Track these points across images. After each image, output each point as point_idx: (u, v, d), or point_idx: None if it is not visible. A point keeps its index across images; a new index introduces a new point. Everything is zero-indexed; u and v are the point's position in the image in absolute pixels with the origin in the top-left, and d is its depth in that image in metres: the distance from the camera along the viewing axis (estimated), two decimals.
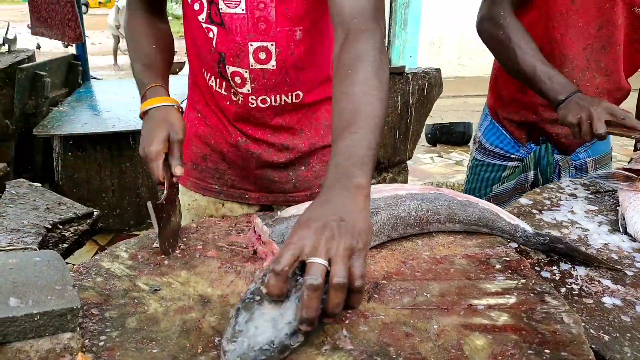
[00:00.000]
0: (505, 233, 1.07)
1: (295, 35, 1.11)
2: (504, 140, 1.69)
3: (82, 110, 3.56)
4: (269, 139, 1.23)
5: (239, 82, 1.15)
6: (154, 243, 0.99)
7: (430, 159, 5.55)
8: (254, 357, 0.66)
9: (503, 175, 1.71)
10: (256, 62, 1.13)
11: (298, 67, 1.15)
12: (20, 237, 1.72)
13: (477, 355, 0.70)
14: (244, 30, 1.10)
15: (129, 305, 0.81)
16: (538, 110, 1.59)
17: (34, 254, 0.72)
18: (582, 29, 1.47)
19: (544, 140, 1.62)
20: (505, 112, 1.66)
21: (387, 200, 1.01)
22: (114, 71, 10.76)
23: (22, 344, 0.61)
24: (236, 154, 1.27)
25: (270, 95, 1.17)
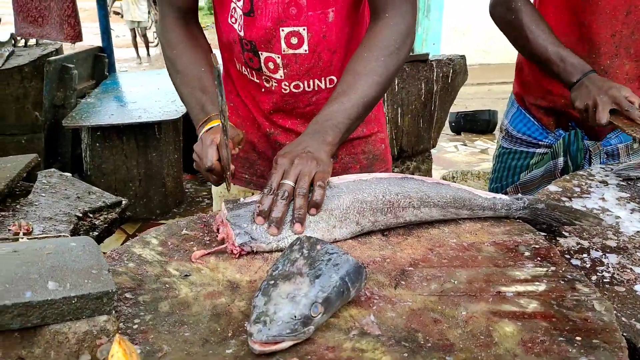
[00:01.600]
0: (486, 209, 1.05)
1: (328, 17, 1.11)
2: (531, 127, 1.66)
3: (108, 101, 3.63)
4: (298, 129, 1.24)
5: (272, 67, 1.15)
6: (183, 230, 1.01)
7: (454, 148, 5.49)
8: (278, 332, 0.67)
9: (531, 163, 1.68)
10: (288, 47, 1.13)
11: (331, 50, 1.15)
12: (53, 225, 1.77)
13: (507, 342, 0.70)
14: (275, 15, 1.09)
15: (161, 290, 0.83)
16: (566, 95, 1.56)
17: (70, 240, 0.74)
18: (610, 15, 1.43)
19: (573, 126, 1.59)
20: (532, 98, 1.64)
21: (350, 184, 1.00)
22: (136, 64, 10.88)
23: (60, 326, 0.63)
24: (266, 144, 1.27)
25: (304, 80, 1.17)
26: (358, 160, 1.30)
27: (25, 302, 0.60)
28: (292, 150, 0.99)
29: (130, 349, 0.56)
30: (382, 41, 1.08)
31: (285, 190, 0.93)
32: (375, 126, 1.31)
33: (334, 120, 1.03)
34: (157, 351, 0.68)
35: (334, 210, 0.96)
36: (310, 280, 0.73)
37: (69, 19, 3.44)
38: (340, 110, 1.04)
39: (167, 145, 3.56)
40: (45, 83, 3.40)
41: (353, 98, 1.04)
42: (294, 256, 0.77)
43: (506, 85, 8.84)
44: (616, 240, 1.06)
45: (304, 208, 0.93)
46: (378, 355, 0.68)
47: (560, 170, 1.62)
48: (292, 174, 0.95)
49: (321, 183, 0.95)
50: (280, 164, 0.97)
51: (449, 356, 0.67)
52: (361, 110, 1.06)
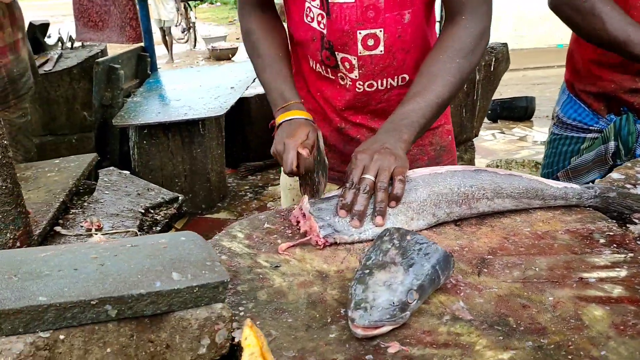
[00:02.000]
0: (558, 198, 1.07)
1: (404, 19, 1.14)
2: (582, 113, 1.66)
3: (153, 100, 3.73)
4: (369, 124, 1.28)
5: (348, 67, 1.20)
6: (264, 224, 1.07)
7: (491, 136, 5.44)
8: (379, 317, 0.72)
9: (582, 147, 1.69)
10: (364, 49, 1.16)
11: (405, 49, 1.19)
12: (121, 221, 1.86)
13: (598, 325, 0.73)
14: (353, 19, 1.13)
15: (255, 280, 0.89)
16: (616, 79, 1.55)
17: (179, 234, 0.80)
18: None
19: (625, 110, 1.59)
20: (582, 85, 1.64)
21: (425, 178, 1.03)
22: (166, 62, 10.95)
23: (183, 312, 0.69)
24: (337, 138, 1.32)
25: (378, 79, 1.21)
26: (426, 151, 1.34)
27: (156, 291, 0.66)
28: (371, 146, 1.04)
29: (259, 333, 0.61)
30: (458, 43, 1.11)
31: (366, 185, 0.98)
32: (442, 118, 1.34)
33: (410, 119, 1.07)
34: (266, 336, 0.74)
35: (412, 203, 1.00)
36: (404, 268, 0.77)
37: (131, 22, 3.59)
38: (415, 109, 1.07)
39: (211, 141, 3.64)
40: (95, 84, 3.52)
41: (428, 98, 1.08)
42: (386, 246, 0.81)
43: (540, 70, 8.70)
44: None
45: (385, 201, 0.98)
46: (474, 339, 0.72)
47: (612, 154, 1.61)
48: (372, 169, 0.99)
49: (401, 177, 0.99)
50: (360, 159, 1.01)
51: (543, 339, 0.71)
52: (435, 110, 1.10)
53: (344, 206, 0.98)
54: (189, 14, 11.74)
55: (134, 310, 0.66)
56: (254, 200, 3.95)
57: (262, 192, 4.08)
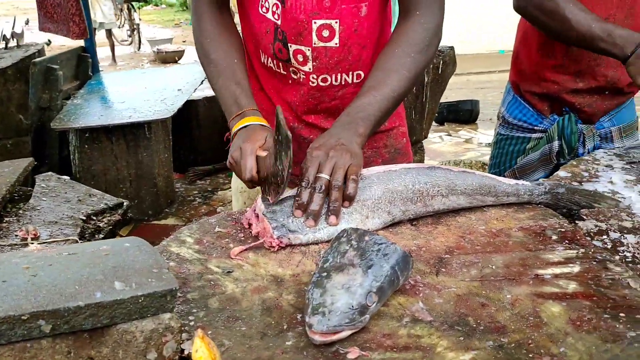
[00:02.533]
0: (510, 195, 1.08)
1: (360, 11, 1.12)
2: (527, 113, 1.71)
3: (95, 102, 3.57)
4: (322, 124, 1.25)
5: (301, 60, 1.16)
6: (215, 227, 1.02)
7: (439, 138, 5.56)
8: (338, 322, 0.69)
9: (527, 147, 1.73)
10: (319, 40, 1.13)
11: (361, 44, 1.16)
12: (60, 229, 1.75)
13: (556, 321, 0.73)
14: (308, 7, 1.10)
15: (207, 287, 0.84)
16: (559, 81, 1.60)
17: (122, 240, 0.74)
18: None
19: (567, 110, 1.64)
20: (527, 85, 1.68)
21: (380, 175, 1.02)
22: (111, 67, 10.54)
23: (127, 325, 0.64)
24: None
25: (332, 74, 1.18)
26: (380, 154, 1.32)
27: (96, 302, 0.60)
28: (326, 142, 1.01)
29: (211, 344, 0.57)
30: (413, 38, 1.10)
31: (322, 184, 0.96)
32: (396, 120, 1.33)
33: (365, 112, 1.05)
34: (219, 346, 0.69)
35: (367, 201, 0.98)
36: (363, 270, 0.74)
37: (74, 17, 3.48)
38: (371, 102, 1.06)
39: (157, 145, 3.52)
40: (31, 85, 3.34)
41: (384, 92, 1.07)
42: (343, 248, 0.78)
43: (483, 75, 8.99)
44: (631, 221, 1.10)
45: (339, 200, 0.96)
46: (435, 340, 0.70)
47: (556, 153, 1.66)
48: (327, 167, 0.97)
49: (354, 177, 0.97)
50: (315, 156, 0.99)
51: (504, 337, 0.70)
52: (391, 104, 1.09)
53: (299, 206, 0.95)
54: (132, 16, 11.39)
55: (71, 324, 0.60)
56: (203, 205, 3.85)
57: (212, 196, 3.99)
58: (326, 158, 0.98)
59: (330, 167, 0.97)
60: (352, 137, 1.02)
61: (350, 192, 0.96)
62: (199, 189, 4.11)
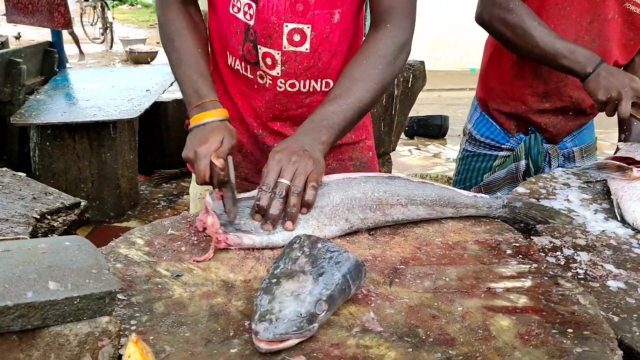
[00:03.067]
0: (469, 207, 1.09)
1: (333, 18, 1.11)
2: (494, 131, 1.73)
3: (59, 98, 3.47)
4: (287, 132, 1.23)
5: (270, 63, 1.14)
6: (168, 230, 0.99)
7: (408, 152, 5.61)
8: (285, 330, 0.67)
9: (494, 165, 1.75)
10: (289, 44, 1.12)
11: (332, 52, 1.16)
12: (10, 227, 1.67)
13: (505, 335, 0.72)
14: (280, 10, 1.08)
15: (153, 290, 0.81)
16: (527, 101, 1.63)
17: (63, 239, 0.71)
18: (575, 21, 1.50)
19: (532, 130, 1.67)
20: (495, 104, 1.70)
21: (339, 182, 1.02)
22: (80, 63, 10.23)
23: (61, 328, 0.60)
24: (253, 145, 1.26)
25: (300, 80, 1.17)
26: (345, 166, 1.31)
27: (27, 302, 0.57)
28: (289, 147, 1.00)
29: (146, 349, 0.54)
30: (382, 50, 1.10)
31: (282, 189, 0.95)
32: (363, 133, 1.33)
33: (330, 120, 1.04)
34: (160, 352, 0.67)
35: (324, 207, 0.97)
36: (314, 278, 0.73)
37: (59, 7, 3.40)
38: (336, 111, 1.05)
39: (122, 145, 3.44)
40: None
41: (349, 101, 1.06)
42: (295, 254, 0.77)
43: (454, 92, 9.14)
44: (585, 239, 1.12)
45: (297, 206, 0.94)
46: (383, 351, 0.69)
47: (523, 172, 1.69)
48: (288, 172, 0.96)
49: (314, 184, 0.96)
50: (277, 159, 0.98)
51: (452, 350, 0.69)
52: (356, 114, 1.08)
53: (259, 209, 0.94)
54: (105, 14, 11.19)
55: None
56: (167, 209, 3.77)
57: (177, 200, 3.91)
58: (288, 163, 0.97)
59: (291, 173, 0.96)
60: (314, 144, 1.01)
61: (309, 199, 0.95)
62: (164, 192, 4.03)
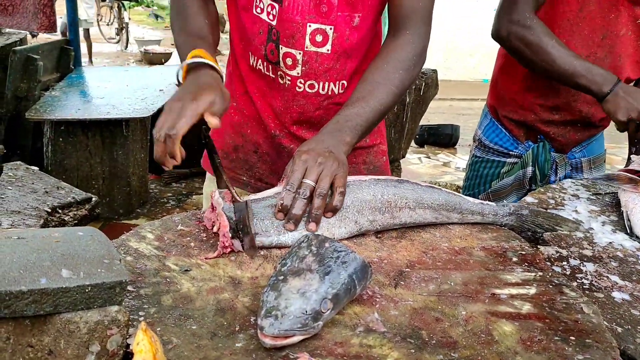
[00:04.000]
0: (475, 213, 1.10)
1: (353, 21, 1.13)
2: (503, 137, 1.74)
3: (74, 95, 3.52)
4: (303, 135, 1.24)
5: (290, 63, 1.16)
6: (178, 225, 1.00)
7: (418, 160, 5.61)
8: (290, 326, 0.68)
9: (502, 172, 1.76)
10: (312, 45, 1.13)
11: (348, 54, 1.17)
12: (22, 219, 1.71)
13: (507, 340, 0.73)
14: (305, 10, 1.10)
15: (161, 284, 0.82)
16: (536, 111, 1.64)
17: (76, 229, 0.73)
18: (587, 37, 1.51)
19: (541, 138, 1.67)
20: (505, 111, 1.71)
21: (350, 185, 1.02)
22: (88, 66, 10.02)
23: (71, 315, 0.62)
24: (270, 145, 1.27)
25: (320, 81, 1.18)
26: (359, 170, 1.32)
27: (40, 288, 0.58)
28: (315, 147, 1.00)
29: (154, 338, 0.55)
30: (401, 56, 1.12)
31: (306, 190, 0.95)
32: (378, 137, 1.34)
33: (353, 122, 1.06)
34: (167, 343, 0.68)
35: None
36: (320, 276, 0.74)
37: (45, 9, 3.34)
38: (359, 113, 1.07)
39: (134, 144, 3.48)
40: (9, 73, 3.27)
41: (371, 104, 1.08)
42: (303, 253, 0.78)
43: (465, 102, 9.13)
44: (591, 250, 1.12)
45: (322, 209, 0.95)
46: (386, 351, 0.70)
47: (529, 179, 1.69)
48: (313, 174, 0.96)
49: (342, 189, 0.97)
50: (303, 159, 0.98)
51: (454, 353, 0.70)
52: (377, 116, 1.09)
53: (282, 208, 0.94)
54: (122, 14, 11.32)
55: (12, 309, 0.58)
56: (176, 207, 3.80)
57: (186, 200, 3.94)
58: (314, 164, 0.96)
59: (316, 174, 0.96)
60: (339, 145, 1.02)
61: (337, 204, 0.96)
62: (173, 192, 4.06)
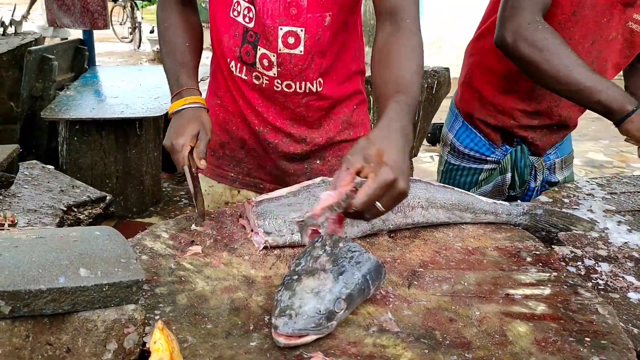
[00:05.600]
0: (488, 213, 1.09)
1: (325, 21, 1.13)
2: (478, 142, 1.63)
3: (88, 95, 3.55)
4: (288, 129, 1.25)
5: (266, 64, 1.17)
6: (192, 225, 1.01)
7: (430, 158, 5.58)
8: (304, 325, 0.69)
9: (480, 179, 1.66)
10: (284, 47, 1.14)
11: (322, 53, 1.17)
12: (38, 217, 1.73)
13: (521, 341, 0.73)
14: (275, 13, 1.11)
15: (176, 283, 0.83)
16: (515, 116, 1.54)
17: (93, 229, 0.74)
18: (577, 42, 1.42)
19: (518, 141, 1.59)
20: (481, 115, 1.60)
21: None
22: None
23: (89, 313, 0.63)
24: (256, 141, 1.28)
25: (296, 81, 1.19)
26: None
27: (59, 287, 0.59)
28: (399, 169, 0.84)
29: (171, 336, 0.56)
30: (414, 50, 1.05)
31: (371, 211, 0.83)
32: (361, 130, 1.33)
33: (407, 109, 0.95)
34: (182, 342, 0.69)
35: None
36: (334, 276, 0.74)
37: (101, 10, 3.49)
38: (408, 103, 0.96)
39: (148, 143, 3.50)
40: (25, 73, 3.31)
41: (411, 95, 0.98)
42: (317, 253, 0.78)
43: None
44: (606, 250, 1.11)
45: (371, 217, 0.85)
46: (399, 351, 0.70)
47: (508, 185, 1.61)
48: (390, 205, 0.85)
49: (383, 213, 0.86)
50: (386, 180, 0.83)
51: (468, 353, 0.70)
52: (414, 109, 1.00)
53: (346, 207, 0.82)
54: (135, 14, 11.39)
55: (32, 307, 0.59)
56: (188, 206, 3.82)
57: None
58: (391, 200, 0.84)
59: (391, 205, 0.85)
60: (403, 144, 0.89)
61: None
62: (186, 190, 4.09)
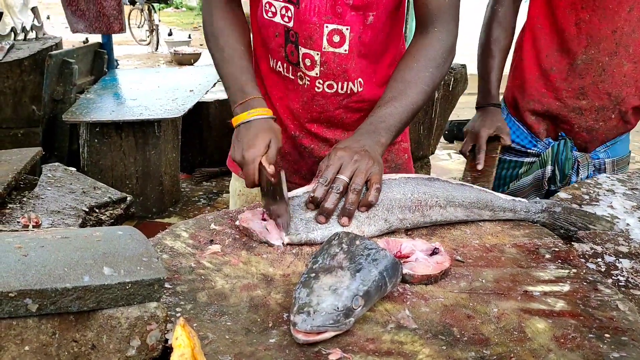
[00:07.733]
0: (507, 210, 1.09)
1: (367, 20, 1.14)
2: (520, 134, 1.65)
3: (108, 97, 3.61)
4: (324, 134, 1.26)
5: (309, 64, 1.17)
6: (211, 224, 1.03)
7: (447, 155, 5.55)
8: (322, 322, 0.70)
9: (520, 172, 1.67)
10: (329, 45, 1.14)
11: (364, 53, 1.18)
12: (61, 218, 1.77)
13: (540, 337, 0.72)
14: (321, 11, 1.11)
15: (197, 281, 0.84)
16: (561, 97, 1.54)
17: (116, 228, 0.76)
18: (612, 11, 1.42)
19: (562, 136, 1.59)
20: (525, 101, 1.61)
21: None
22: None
23: (113, 311, 0.65)
24: (291, 146, 1.29)
25: (338, 81, 1.19)
26: None
27: (84, 285, 0.61)
28: (351, 145, 1.02)
29: (192, 333, 0.57)
30: (431, 53, 1.13)
31: (340, 184, 0.97)
32: (399, 136, 1.34)
33: (387, 122, 1.07)
34: (203, 338, 0.70)
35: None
36: (351, 273, 0.75)
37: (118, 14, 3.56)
38: (392, 113, 1.08)
39: (166, 144, 3.55)
40: (46, 77, 3.38)
41: (404, 103, 1.09)
42: (334, 250, 0.79)
43: None
44: (627, 246, 1.10)
45: (356, 204, 0.97)
46: (417, 348, 0.70)
47: (548, 179, 1.60)
48: (349, 170, 0.98)
49: (378, 186, 0.98)
50: (338, 156, 1.00)
51: (486, 350, 0.70)
52: (410, 115, 1.11)
53: (314, 200, 0.96)
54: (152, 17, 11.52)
55: (58, 305, 0.61)
56: (207, 206, 3.86)
57: (216, 198, 4.00)
58: (349, 161, 0.99)
59: (351, 171, 0.98)
60: (375, 145, 1.04)
61: (372, 200, 0.98)
62: (204, 190, 4.13)
